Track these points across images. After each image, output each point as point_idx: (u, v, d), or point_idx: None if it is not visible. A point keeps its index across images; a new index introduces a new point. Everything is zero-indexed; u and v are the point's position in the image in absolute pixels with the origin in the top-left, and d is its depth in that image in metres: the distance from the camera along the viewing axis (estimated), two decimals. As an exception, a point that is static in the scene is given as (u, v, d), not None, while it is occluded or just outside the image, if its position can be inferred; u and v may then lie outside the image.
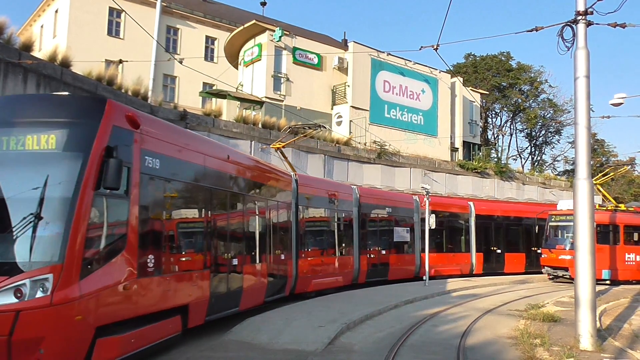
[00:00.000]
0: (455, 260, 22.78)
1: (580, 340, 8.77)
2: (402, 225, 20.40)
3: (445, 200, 24.77)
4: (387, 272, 19.33)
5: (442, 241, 22.47)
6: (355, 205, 18.10)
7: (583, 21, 9.35)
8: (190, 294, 8.77)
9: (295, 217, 14.64)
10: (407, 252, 20.65)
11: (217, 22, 36.14)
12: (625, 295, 17.12)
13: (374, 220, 19.28)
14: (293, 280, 14.14)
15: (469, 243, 23.55)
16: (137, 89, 18.21)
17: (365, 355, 8.42)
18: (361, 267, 17.89)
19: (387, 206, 19.88)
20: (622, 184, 47.75)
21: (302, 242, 14.90)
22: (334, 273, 16.22)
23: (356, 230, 17.94)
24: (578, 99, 9.42)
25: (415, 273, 20.69)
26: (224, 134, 20.64)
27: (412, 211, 21.17)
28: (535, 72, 47.84)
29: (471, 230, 23.71)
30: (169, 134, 8.48)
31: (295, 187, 14.85)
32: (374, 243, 18.97)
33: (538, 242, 24.50)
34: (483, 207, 24.94)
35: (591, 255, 9.05)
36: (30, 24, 37.04)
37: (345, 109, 28.62)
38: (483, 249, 23.84)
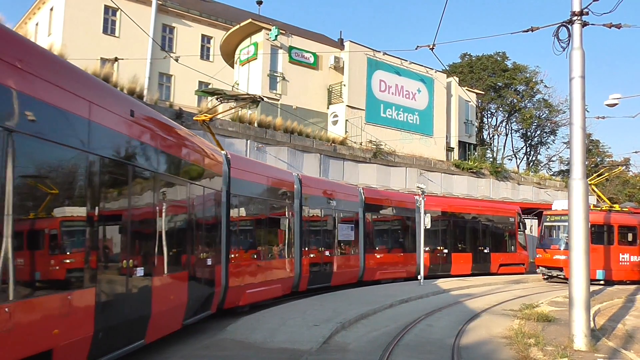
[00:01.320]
0: (401, 261, 20.33)
1: (574, 340, 8.80)
2: (346, 221, 17.79)
3: (388, 194, 22.21)
4: (330, 277, 16.54)
5: (388, 240, 20.57)
6: (297, 196, 15.15)
7: (578, 21, 9.38)
8: (57, 332, 5.36)
9: (225, 210, 11.26)
10: (352, 253, 17.96)
11: (213, 20, 36.05)
12: (619, 295, 17.19)
13: (315, 214, 16.38)
14: (222, 291, 10.91)
15: (416, 242, 20.89)
16: (132, 87, 18.17)
17: (360, 355, 8.43)
18: (302, 273, 14.97)
19: (330, 199, 16.99)
20: (616, 185, 47.92)
21: (233, 243, 11.54)
22: (272, 280, 13.19)
23: (297, 227, 14.93)
24: (573, 99, 9.45)
25: (359, 277, 18.29)
26: (219, 132, 20.54)
27: (357, 205, 18.55)
28: (531, 73, 48.00)
29: (417, 228, 20.90)
30: None
31: (227, 170, 11.47)
32: (316, 243, 16.07)
33: (485, 241, 24.17)
34: (431, 203, 22.15)
35: (585, 256, 9.07)
36: (25, 21, 36.83)
37: (341, 109, 28.61)
38: (429, 249, 21.45)
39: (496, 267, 24.33)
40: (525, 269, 25.56)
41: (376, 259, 18.89)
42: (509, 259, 25.25)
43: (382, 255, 19.43)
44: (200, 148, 10.02)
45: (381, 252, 19.39)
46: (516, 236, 25.58)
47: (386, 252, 19.70)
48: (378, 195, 20.46)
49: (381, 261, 19.24)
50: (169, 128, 8.73)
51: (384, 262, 19.42)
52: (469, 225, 24.13)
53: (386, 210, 20.17)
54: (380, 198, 19.93)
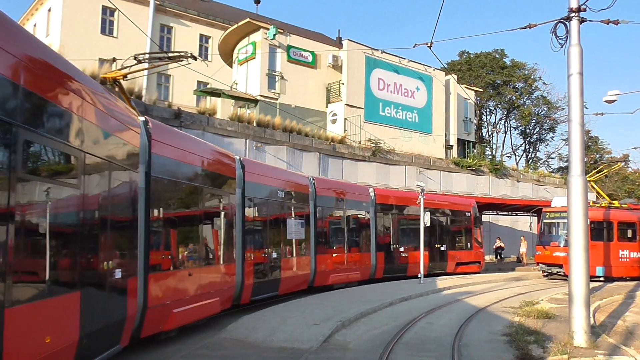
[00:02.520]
0: (355, 262, 17.93)
1: (574, 336, 8.80)
2: (295, 216, 14.91)
3: (342, 185, 19.90)
4: (278, 285, 13.62)
5: (341, 238, 17.65)
6: (239, 185, 12.08)
7: (576, 18, 9.37)
8: None
9: (144, 200, 8.06)
10: (302, 254, 15.20)
11: (211, 20, 36.04)
12: (619, 292, 17.19)
13: (260, 208, 13.26)
14: (138, 315, 7.79)
15: (369, 240, 18.95)
16: (131, 87, 18.10)
17: (360, 353, 8.43)
18: (245, 281, 11.89)
19: (279, 189, 14.18)
20: (616, 181, 47.98)
21: (153, 245, 8.36)
22: (207, 294, 10.01)
23: (239, 225, 11.85)
24: (572, 96, 9.44)
25: (309, 282, 15.61)
26: (218, 132, 20.59)
27: (308, 197, 15.92)
28: (529, 70, 48.02)
29: (372, 224, 19.10)
30: None
31: (146, 143, 8.16)
32: (261, 243, 13.12)
33: (441, 238, 22.20)
34: (385, 196, 20.59)
35: (585, 252, 9.08)
36: (23, 22, 36.78)
37: (339, 107, 28.60)
38: (384, 248, 19.55)
39: (453, 266, 22.53)
40: (480, 268, 23.95)
41: (328, 260, 16.37)
42: (466, 257, 23.46)
43: (335, 255, 16.78)
44: (108, 107, 6.83)
45: (333, 252, 16.78)
46: (472, 232, 23.84)
47: (339, 252, 17.03)
48: (331, 186, 18.03)
49: (334, 263, 16.67)
50: None
51: (337, 264, 16.86)
52: (422, 219, 21.57)
53: (340, 203, 17.63)
54: (333, 190, 17.58)
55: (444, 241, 22.34)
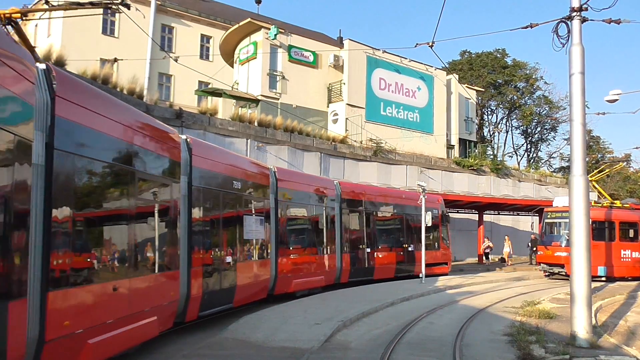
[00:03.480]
0: (319, 264, 15.82)
1: (576, 336, 8.79)
2: (254, 212, 12.48)
3: (306, 176, 17.91)
4: (233, 295, 11.11)
5: (304, 238, 15.63)
6: (185, 173, 9.67)
7: (578, 17, 9.36)
8: None
9: (41, 199, 5.84)
10: (262, 256, 12.87)
11: (212, 20, 36.05)
12: (620, 292, 17.17)
13: (211, 202, 10.61)
14: (32, 350, 5.51)
15: (335, 240, 16.79)
16: (132, 87, 18.15)
17: (362, 353, 8.42)
18: (191, 293, 9.46)
19: (235, 179, 11.63)
20: (617, 181, 47.92)
21: (57, 248, 5.94)
22: (141, 313, 7.75)
23: (184, 223, 9.46)
24: (573, 95, 9.42)
25: (269, 289, 13.42)
26: (219, 132, 20.60)
27: (269, 189, 13.61)
28: (531, 69, 48.00)
29: (337, 222, 17.03)
30: None
31: (46, 106, 5.97)
32: (212, 244, 10.55)
33: (409, 237, 20.49)
34: (351, 190, 18.43)
35: (587, 252, 9.06)
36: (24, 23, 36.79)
37: (341, 107, 28.60)
38: (350, 248, 17.55)
39: (420, 268, 20.01)
40: (448, 269, 22.74)
41: (291, 263, 14.37)
42: (433, 257, 21.50)
43: (298, 257, 14.80)
44: None
45: (296, 254, 14.81)
46: (440, 231, 22.33)
47: (302, 254, 15.05)
48: (294, 177, 16.03)
49: (297, 266, 14.65)
50: None
51: (301, 268, 14.79)
52: (391, 218, 20.35)
53: (304, 197, 15.54)
54: (296, 182, 15.48)
55: (412, 241, 20.53)
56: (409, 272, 20.28)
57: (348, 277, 17.29)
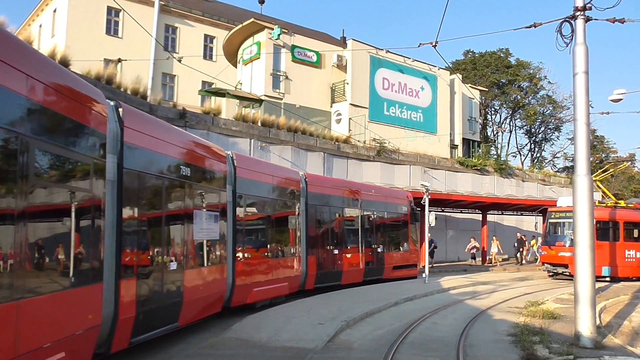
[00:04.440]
0: (283, 269, 13.58)
1: (580, 337, 8.77)
2: (206, 208, 10.18)
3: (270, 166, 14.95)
4: (179, 311, 8.83)
5: (265, 238, 13.14)
6: (113, 150, 7.49)
7: (582, 17, 9.34)
8: None
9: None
10: (215, 261, 10.57)
11: (216, 20, 36.10)
12: (625, 292, 17.11)
13: (151, 193, 8.39)
14: None
15: (300, 241, 14.71)
16: (136, 87, 18.19)
17: (365, 353, 8.42)
18: (120, 315, 7.17)
19: (182, 166, 9.24)
20: (621, 181, 47.79)
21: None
22: (46, 349, 5.44)
23: (111, 216, 7.22)
24: (577, 95, 9.40)
25: (225, 301, 11.09)
26: (223, 132, 20.63)
27: (225, 180, 11.24)
28: (535, 69, 47.90)
29: (302, 220, 14.96)
30: None
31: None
32: (150, 247, 8.22)
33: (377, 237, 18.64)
34: (319, 184, 16.20)
35: (591, 252, 9.04)
36: (28, 23, 36.97)
37: (344, 107, 28.59)
38: (317, 250, 15.43)
39: (389, 270, 19.12)
40: (417, 272, 20.83)
41: (251, 269, 12.11)
42: (402, 259, 20.13)
43: (259, 262, 12.59)
44: None
45: (257, 258, 12.57)
46: (408, 230, 20.59)
47: (264, 257, 12.80)
48: (256, 167, 13.21)
49: (258, 272, 12.40)
50: None
51: (262, 274, 12.55)
52: (358, 215, 17.87)
53: (266, 191, 13.17)
54: (258, 172, 12.94)
55: (380, 241, 18.74)
56: (378, 276, 18.40)
57: (314, 282, 15.17)
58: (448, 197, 26.95)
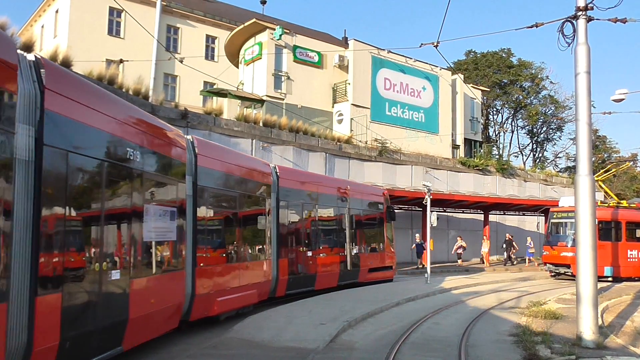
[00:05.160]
0: (251, 275, 11.67)
1: (582, 337, 8.76)
2: (162, 202, 8.47)
3: (231, 154, 12.08)
4: (123, 335, 7.13)
5: (230, 239, 11.18)
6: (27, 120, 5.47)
7: (583, 17, 9.32)
8: None
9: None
10: (172, 267, 8.75)
11: (218, 21, 36.14)
12: (627, 292, 17.08)
13: (91, 183, 6.63)
14: None
15: (270, 242, 12.85)
16: (138, 88, 18.22)
17: (367, 353, 8.42)
18: (35, 340, 5.28)
19: (132, 150, 7.44)
20: (624, 181, 47.70)
21: None
22: None
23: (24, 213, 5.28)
24: (579, 95, 9.38)
25: (183, 314, 9.31)
26: (225, 132, 20.65)
27: (184, 170, 9.37)
28: (536, 69, 47.84)
29: (273, 218, 13.16)
30: None
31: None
32: (86, 251, 6.45)
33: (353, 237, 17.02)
34: (293, 179, 14.60)
35: (593, 252, 9.03)
36: (30, 24, 37.05)
37: (346, 107, 28.60)
38: (289, 252, 13.78)
39: (365, 273, 17.60)
40: (393, 275, 19.70)
41: (215, 276, 10.32)
42: (378, 261, 18.63)
43: (224, 267, 10.72)
44: None
45: (222, 262, 10.67)
46: (384, 229, 19.14)
47: (229, 262, 10.95)
48: (221, 155, 11.14)
49: (223, 279, 10.61)
50: None
51: (227, 281, 10.75)
52: (334, 213, 16.43)
53: (232, 184, 11.31)
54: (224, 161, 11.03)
55: (356, 242, 17.21)
56: (353, 280, 16.95)
57: (285, 289, 13.49)
58: (450, 198, 26.94)
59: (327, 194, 15.88)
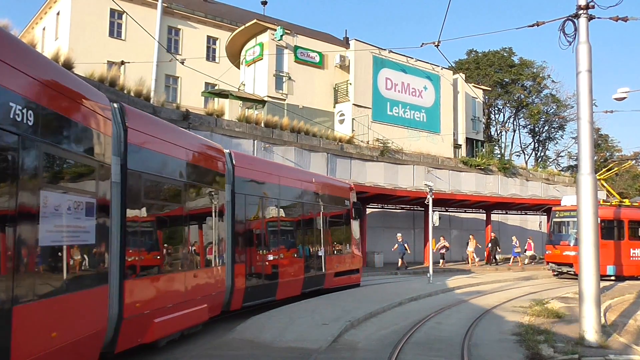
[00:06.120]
0: (199, 286, 9.31)
1: (585, 336, 8.74)
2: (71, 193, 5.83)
3: (173, 132, 9.28)
4: None
5: (170, 242, 8.72)
6: None
7: (584, 15, 9.31)
8: None
9: None
10: (85, 284, 6.09)
11: (218, 22, 36.18)
12: (630, 291, 17.05)
13: None
14: None
15: (224, 244, 10.53)
16: (139, 89, 18.25)
17: (370, 353, 8.42)
18: None
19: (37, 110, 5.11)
20: (626, 179, 47.59)
21: None
22: None
23: None
24: (580, 93, 9.37)
25: (105, 344, 6.79)
26: (226, 133, 20.68)
27: (106, 147, 6.80)
28: (538, 68, 47.81)
29: (228, 214, 10.84)
30: None
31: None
32: None
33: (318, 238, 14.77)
34: (250, 167, 12.04)
35: (595, 251, 9.01)
36: (32, 26, 37.13)
37: (347, 107, 28.61)
38: (247, 256, 11.35)
39: (331, 278, 15.35)
40: (360, 279, 17.55)
41: (150, 289, 7.95)
42: (345, 264, 16.45)
43: (164, 279, 8.31)
44: None
45: (161, 272, 8.25)
46: (351, 229, 16.97)
47: (171, 271, 8.49)
48: (160, 131, 8.64)
49: (162, 294, 8.19)
50: None
51: (168, 296, 8.34)
52: (298, 210, 14.04)
53: (173, 168, 8.76)
54: (161, 142, 8.45)
55: (322, 242, 14.92)
56: (318, 286, 14.67)
57: (242, 300, 11.17)
58: (452, 197, 26.92)
59: (291, 187, 13.70)
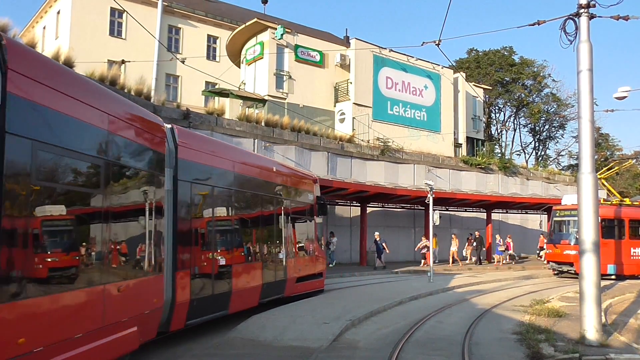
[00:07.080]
0: (124, 305, 6.62)
1: (586, 335, 8.74)
2: None
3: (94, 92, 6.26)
4: None
5: (82, 245, 5.85)
6: None
7: (585, 14, 9.29)
8: None
9: None
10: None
11: (219, 20, 36.16)
12: (630, 290, 17.05)
13: None
14: None
15: (161, 245, 7.92)
16: (140, 88, 18.26)
17: (370, 352, 8.42)
18: None
19: None
20: (627, 178, 47.54)
21: None
22: None
23: None
24: (581, 92, 9.36)
25: None
26: (227, 132, 20.68)
27: None
28: (539, 67, 47.81)
29: (168, 207, 8.25)
30: None
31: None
32: None
33: (278, 239, 12.44)
34: (197, 147, 9.40)
35: (596, 250, 9.01)
36: (32, 25, 37.11)
37: (348, 106, 28.60)
38: (192, 261, 8.90)
39: (292, 284, 13.14)
40: (324, 284, 15.41)
41: (44, 315, 5.03)
42: (307, 268, 14.24)
43: (74, 299, 5.62)
44: None
45: (69, 292, 5.57)
46: (315, 228, 14.94)
47: (82, 287, 5.76)
48: (70, 87, 5.71)
49: (67, 319, 5.49)
50: None
51: (77, 321, 5.64)
52: (255, 204, 11.60)
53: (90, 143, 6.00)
54: (75, 99, 5.66)
55: (282, 243, 12.65)
56: (278, 294, 12.50)
57: (186, 317, 8.66)
58: (452, 196, 26.91)
59: (248, 176, 11.29)
